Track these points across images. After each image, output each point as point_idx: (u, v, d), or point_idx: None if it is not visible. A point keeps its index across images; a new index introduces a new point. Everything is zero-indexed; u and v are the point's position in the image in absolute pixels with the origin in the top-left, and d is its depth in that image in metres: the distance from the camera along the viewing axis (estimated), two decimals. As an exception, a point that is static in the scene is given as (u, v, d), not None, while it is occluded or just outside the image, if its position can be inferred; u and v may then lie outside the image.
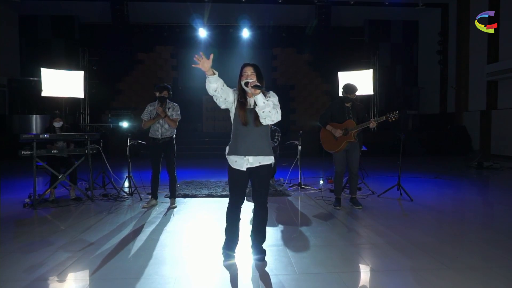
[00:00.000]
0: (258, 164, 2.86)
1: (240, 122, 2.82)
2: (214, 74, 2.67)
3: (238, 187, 2.94)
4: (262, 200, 2.97)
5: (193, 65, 2.69)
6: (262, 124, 2.80)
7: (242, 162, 2.85)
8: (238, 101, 2.86)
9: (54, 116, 5.50)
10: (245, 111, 2.83)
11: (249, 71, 2.82)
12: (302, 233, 3.77)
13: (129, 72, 14.94)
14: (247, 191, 3.12)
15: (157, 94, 4.82)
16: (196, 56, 2.65)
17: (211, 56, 2.68)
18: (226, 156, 2.93)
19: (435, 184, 6.84)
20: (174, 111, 4.90)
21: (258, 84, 2.71)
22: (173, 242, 3.51)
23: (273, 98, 2.83)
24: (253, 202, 3.02)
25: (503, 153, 11.39)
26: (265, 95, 2.77)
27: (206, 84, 2.72)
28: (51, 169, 5.06)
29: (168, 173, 4.96)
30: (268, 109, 2.69)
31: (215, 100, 2.81)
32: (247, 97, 2.86)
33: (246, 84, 2.75)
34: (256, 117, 2.78)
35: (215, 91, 2.71)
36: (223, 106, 2.87)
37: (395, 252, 3.20)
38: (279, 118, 2.77)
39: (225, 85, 2.75)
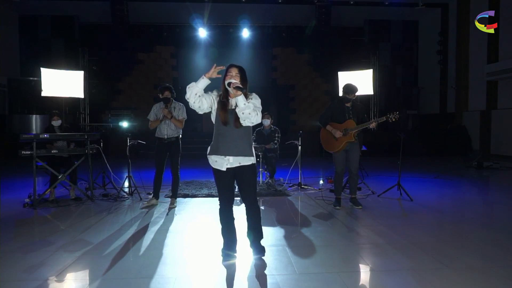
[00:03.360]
0: (238, 165, 2.88)
1: (220, 122, 2.86)
2: (208, 80, 2.79)
3: (223, 188, 2.97)
4: (250, 198, 2.98)
5: (219, 67, 2.79)
6: (242, 125, 2.82)
7: (222, 162, 2.88)
8: (220, 101, 2.90)
9: (52, 115, 5.48)
10: (226, 112, 2.85)
11: (234, 72, 2.85)
12: (302, 233, 3.77)
13: (129, 72, 14.94)
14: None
15: (160, 95, 4.83)
16: (221, 67, 2.81)
17: (218, 69, 2.78)
18: (207, 156, 2.96)
19: (435, 184, 6.84)
20: (180, 111, 4.90)
21: (240, 85, 2.74)
22: (173, 242, 3.51)
23: (255, 100, 2.85)
24: (243, 201, 3.03)
25: (503, 153, 11.39)
26: (247, 97, 2.82)
27: (192, 85, 2.77)
28: (51, 169, 5.06)
29: (172, 173, 4.96)
30: (248, 111, 2.73)
31: (191, 106, 2.85)
32: (229, 97, 2.89)
33: (229, 84, 2.78)
34: (237, 118, 2.81)
35: (195, 94, 2.75)
36: (199, 112, 2.91)
37: (395, 252, 3.20)
38: (259, 121, 2.84)
39: (203, 95, 2.81)
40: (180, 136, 4.98)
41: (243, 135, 2.88)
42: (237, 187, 3.07)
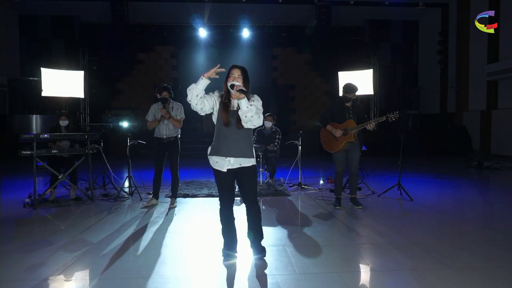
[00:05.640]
0: (239, 166, 2.88)
1: (222, 123, 2.84)
2: (208, 80, 2.77)
3: (224, 188, 2.97)
4: (250, 198, 2.99)
5: (221, 69, 2.78)
6: (244, 127, 2.82)
7: (223, 163, 2.87)
8: (221, 102, 2.88)
9: (61, 115, 5.51)
10: (228, 113, 2.84)
11: (236, 73, 2.83)
12: (302, 233, 3.77)
13: (129, 72, 14.95)
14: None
15: (158, 96, 4.83)
16: (222, 69, 2.79)
17: (218, 71, 2.77)
18: (208, 157, 2.95)
19: (435, 184, 6.84)
20: (178, 111, 4.91)
21: (244, 89, 2.73)
22: (173, 242, 3.51)
23: (257, 103, 2.84)
24: (243, 201, 3.03)
25: (503, 153, 11.39)
26: (249, 99, 2.80)
27: (192, 87, 2.76)
28: (51, 169, 5.06)
29: (171, 172, 4.97)
30: (251, 114, 2.73)
31: (193, 108, 2.83)
32: (231, 98, 2.87)
33: (232, 86, 2.76)
34: (239, 119, 2.80)
35: (197, 95, 2.74)
36: (201, 113, 2.90)
37: (395, 252, 3.20)
38: (260, 123, 2.83)
39: (204, 96, 2.80)
40: (179, 136, 4.99)
41: (244, 137, 2.88)
42: (237, 187, 3.06)
